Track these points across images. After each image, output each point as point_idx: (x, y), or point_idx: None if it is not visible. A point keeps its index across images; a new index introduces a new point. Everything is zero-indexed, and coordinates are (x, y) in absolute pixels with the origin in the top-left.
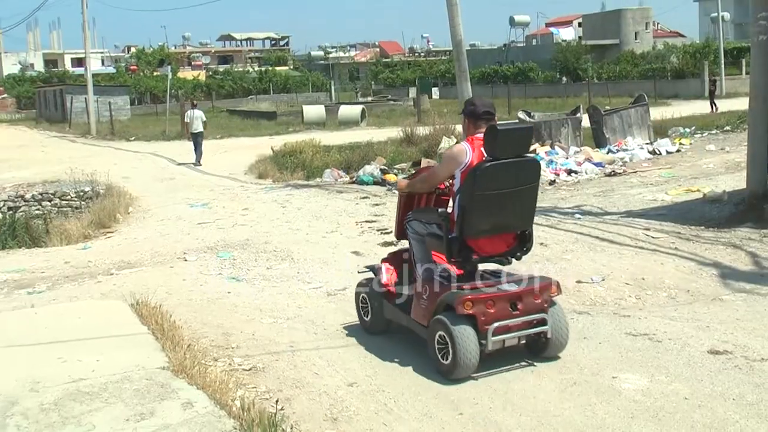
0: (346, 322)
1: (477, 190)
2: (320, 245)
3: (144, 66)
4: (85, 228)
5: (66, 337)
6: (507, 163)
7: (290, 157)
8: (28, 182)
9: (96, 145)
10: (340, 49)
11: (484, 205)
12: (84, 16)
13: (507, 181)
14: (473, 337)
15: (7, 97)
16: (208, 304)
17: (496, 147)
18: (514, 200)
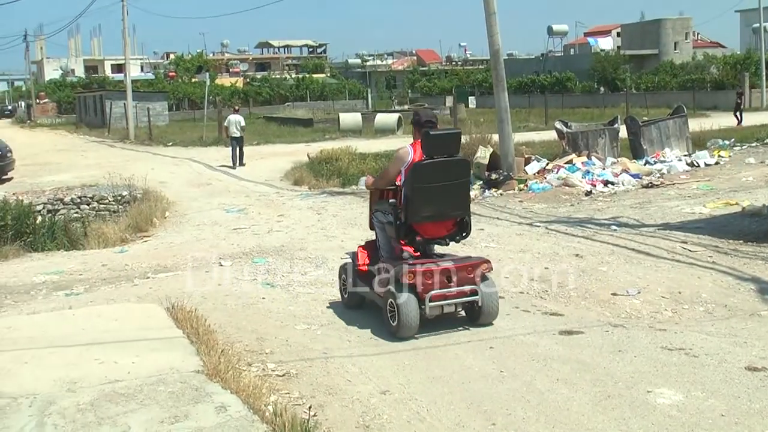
0: (379, 329)
1: (416, 183)
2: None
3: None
4: (123, 231)
5: (103, 339)
6: (440, 162)
7: (326, 165)
8: (67, 185)
9: (134, 150)
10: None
11: (423, 196)
12: (125, 23)
13: (440, 176)
14: (414, 303)
15: (48, 101)
16: (242, 309)
17: (429, 148)
18: (447, 192)
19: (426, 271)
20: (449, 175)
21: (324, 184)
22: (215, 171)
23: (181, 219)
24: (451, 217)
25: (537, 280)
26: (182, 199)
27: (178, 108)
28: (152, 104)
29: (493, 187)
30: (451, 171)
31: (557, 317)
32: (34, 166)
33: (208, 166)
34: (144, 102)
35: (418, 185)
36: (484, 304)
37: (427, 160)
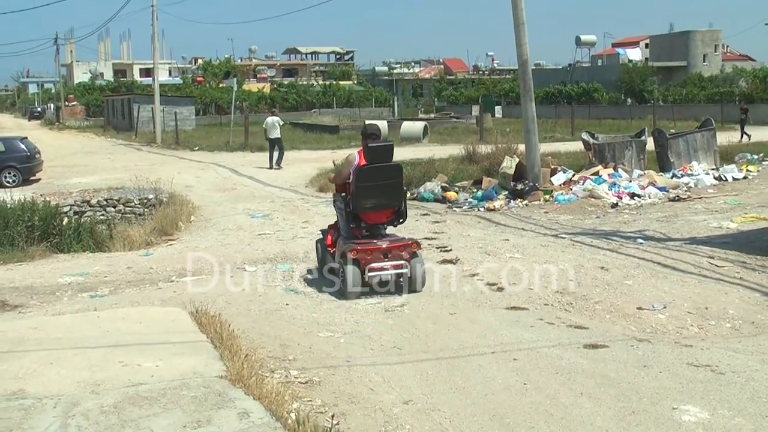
0: (403, 338)
1: (359, 182)
2: None
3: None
4: (148, 235)
5: (127, 342)
6: (377, 167)
7: None
8: (93, 188)
9: (161, 153)
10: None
11: (364, 192)
12: (154, 28)
13: (378, 177)
14: (358, 273)
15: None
16: (266, 315)
17: (369, 157)
18: (384, 189)
19: (365, 249)
20: (385, 177)
21: None
22: (241, 176)
23: (206, 223)
24: (389, 207)
25: (562, 292)
26: (207, 203)
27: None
28: (179, 108)
29: (519, 198)
30: (387, 173)
31: (582, 330)
32: (62, 168)
33: (233, 171)
34: (171, 106)
35: (360, 184)
36: (413, 275)
37: (367, 165)
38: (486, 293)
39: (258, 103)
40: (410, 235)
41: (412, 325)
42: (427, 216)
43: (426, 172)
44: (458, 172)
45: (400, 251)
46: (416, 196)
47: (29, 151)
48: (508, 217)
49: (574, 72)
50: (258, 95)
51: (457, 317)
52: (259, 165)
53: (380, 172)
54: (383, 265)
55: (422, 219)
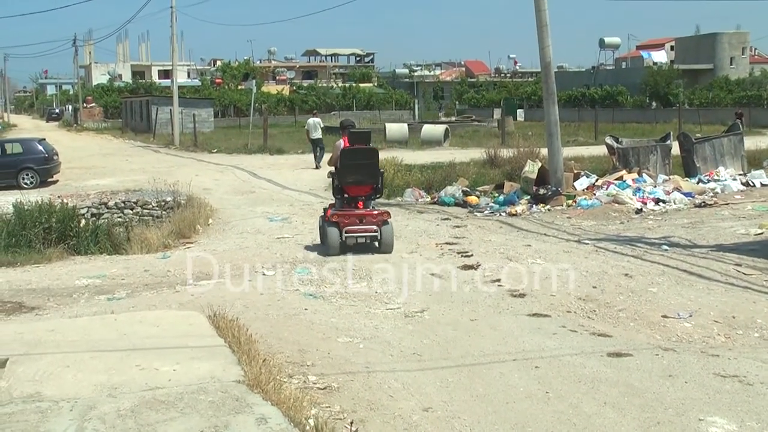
0: (423, 344)
1: (342, 161)
2: (399, 266)
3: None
4: (165, 237)
5: (144, 345)
6: (357, 149)
7: None
8: (111, 190)
9: (179, 155)
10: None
11: (347, 169)
12: (173, 30)
13: (358, 157)
14: (336, 233)
15: (95, 106)
16: (284, 320)
17: (351, 140)
18: (363, 168)
19: (344, 215)
20: (364, 157)
21: None
22: (259, 179)
23: (224, 226)
24: (367, 183)
25: (585, 299)
26: (226, 206)
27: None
28: (198, 111)
29: (541, 203)
30: (365, 155)
31: (605, 338)
32: (80, 170)
33: (252, 174)
34: (190, 108)
35: (344, 162)
36: (382, 238)
37: (349, 147)
38: (507, 299)
39: (277, 105)
40: (432, 239)
41: (433, 331)
42: (448, 220)
43: (447, 176)
44: (479, 176)
45: (373, 218)
46: (437, 200)
47: (47, 153)
48: (530, 222)
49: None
50: (277, 97)
51: (477, 323)
52: (277, 167)
53: (360, 153)
54: (357, 228)
55: (443, 223)
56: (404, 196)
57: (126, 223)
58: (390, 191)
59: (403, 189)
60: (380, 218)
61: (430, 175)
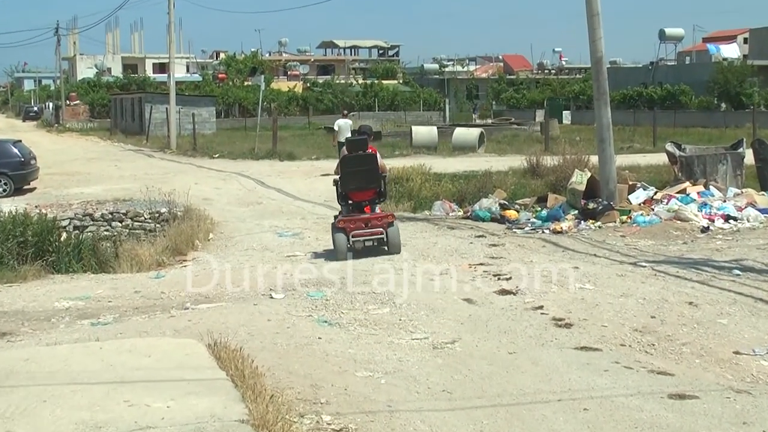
0: (454, 381)
1: (343, 168)
2: (427, 289)
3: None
4: (159, 254)
5: (133, 377)
6: (354, 156)
7: (395, 185)
8: (97, 199)
9: (175, 161)
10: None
11: (348, 176)
12: (170, 17)
13: (357, 164)
14: (344, 239)
15: (80, 103)
16: (295, 350)
17: (348, 147)
18: (363, 174)
19: (350, 220)
20: (363, 163)
21: (392, 208)
22: (267, 188)
23: (227, 242)
24: (368, 188)
25: (641, 331)
26: (229, 219)
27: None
28: (198, 110)
29: (590, 218)
30: (363, 161)
31: (666, 377)
32: (61, 176)
33: (259, 183)
34: (189, 107)
35: (345, 169)
36: (389, 240)
37: (349, 155)
38: (551, 330)
39: (288, 104)
40: (464, 259)
41: (465, 366)
42: (483, 238)
43: (482, 187)
44: (519, 187)
45: (378, 221)
46: (470, 214)
47: (23, 157)
48: (577, 241)
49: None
50: (288, 95)
51: (517, 357)
52: (288, 175)
53: (358, 160)
54: (364, 232)
55: (477, 241)
56: (433, 209)
57: (114, 237)
58: (416, 204)
59: (432, 201)
60: (385, 221)
61: (462, 186)
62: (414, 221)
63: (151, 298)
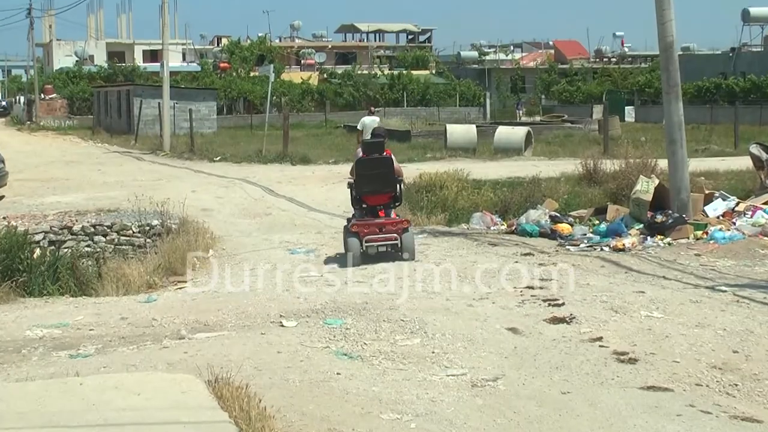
0: (497, 425)
1: (358, 171)
2: (464, 316)
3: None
4: (150, 274)
5: (120, 420)
6: (370, 159)
7: (427, 194)
8: (77, 210)
9: (169, 165)
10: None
11: (364, 178)
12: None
13: (373, 167)
14: (357, 243)
15: (56, 97)
16: (309, 388)
17: (365, 150)
18: (378, 177)
19: (364, 224)
20: (379, 166)
21: (424, 221)
22: (277, 197)
23: (230, 260)
24: (384, 192)
25: (721, 368)
26: (232, 233)
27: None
28: (196, 105)
29: (659, 234)
30: (380, 164)
31: (753, 424)
32: (34, 183)
33: (267, 190)
34: (185, 102)
35: (360, 172)
36: (403, 246)
37: (365, 157)
38: (612, 366)
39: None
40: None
41: (509, 407)
42: (530, 256)
43: (529, 197)
44: (573, 196)
45: (393, 227)
46: (516, 228)
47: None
48: (643, 261)
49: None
50: (302, 88)
51: (571, 398)
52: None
53: (375, 162)
54: (377, 237)
55: (523, 260)
56: (471, 222)
57: (97, 254)
58: (452, 216)
59: (470, 213)
60: (400, 226)
61: (505, 195)
62: (449, 236)
63: (141, 326)
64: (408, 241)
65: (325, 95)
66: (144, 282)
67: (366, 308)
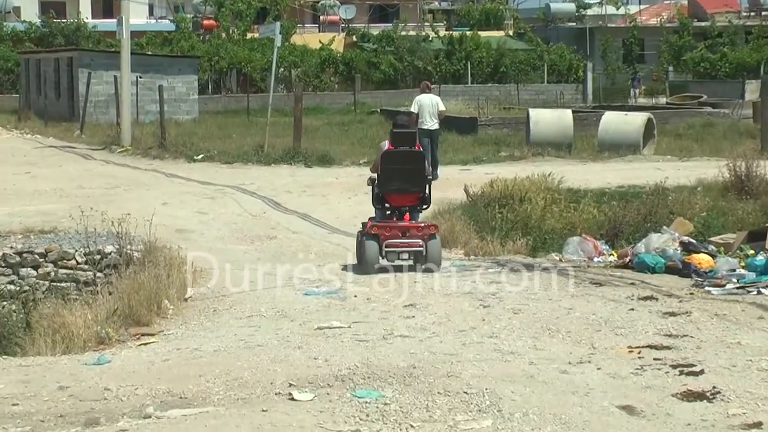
0: None
1: (383, 165)
2: (556, 388)
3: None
4: (102, 324)
5: None
6: (400, 151)
7: (501, 209)
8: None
9: (130, 166)
10: (607, 0)
11: (389, 174)
12: None
13: (401, 161)
14: (375, 248)
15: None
16: None
17: (393, 141)
18: (407, 174)
19: (385, 226)
20: (408, 161)
21: (496, 248)
22: (286, 212)
23: (218, 304)
24: (412, 191)
25: None
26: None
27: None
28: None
29: None
30: (409, 158)
31: None
32: None
33: (272, 204)
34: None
35: (386, 166)
36: (428, 255)
37: (392, 150)
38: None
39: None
40: (620, 336)
41: None
42: (653, 301)
43: (650, 215)
44: (715, 215)
45: (418, 231)
46: (630, 260)
47: None
48: None
49: None
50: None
51: None
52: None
53: (404, 156)
54: (400, 242)
55: (642, 307)
56: (565, 251)
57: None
58: (537, 241)
59: (564, 237)
60: (426, 231)
61: (616, 212)
62: (532, 271)
63: (88, 399)
64: (434, 249)
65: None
66: (93, 335)
67: (413, 374)
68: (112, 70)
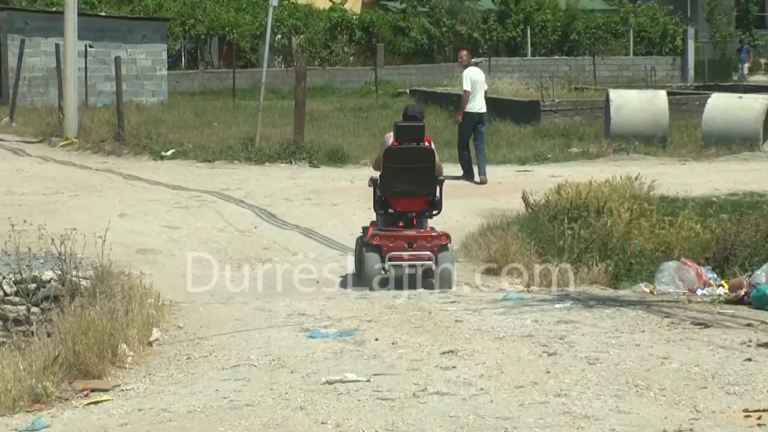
0: None
1: (387, 163)
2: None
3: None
4: (38, 375)
5: None
6: (406, 148)
7: (571, 224)
8: None
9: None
10: None
11: (393, 174)
12: None
13: (408, 159)
14: (377, 260)
15: None
16: None
17: (398, 136)
18: (414, 174)
19: (388, 236)
20: (415, 159)
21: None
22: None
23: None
24: (419, 195)
25: None
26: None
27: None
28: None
29: None
30: (417, 155)
31: None
32: None
33: (265, 215)
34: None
35: (389, 165)
36: (439, 269)
37: (396, 146)
38: None
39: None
40: (734, 396)
41: None
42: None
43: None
44: None
45: (427, 242)
46: (746, 294)
47: None
48: None
49: None
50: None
51: None
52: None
53: (410, 154)
54: (404, 254)
55: (762, 356)
56: (658, 279)
57: None
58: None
59: (656, 262)
60: (437, 242)
61: (726, 229)
62: (614, 306)
63: None
64: (445, 263)
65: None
66: (25, 391)
67: None
68: (52, 37)
